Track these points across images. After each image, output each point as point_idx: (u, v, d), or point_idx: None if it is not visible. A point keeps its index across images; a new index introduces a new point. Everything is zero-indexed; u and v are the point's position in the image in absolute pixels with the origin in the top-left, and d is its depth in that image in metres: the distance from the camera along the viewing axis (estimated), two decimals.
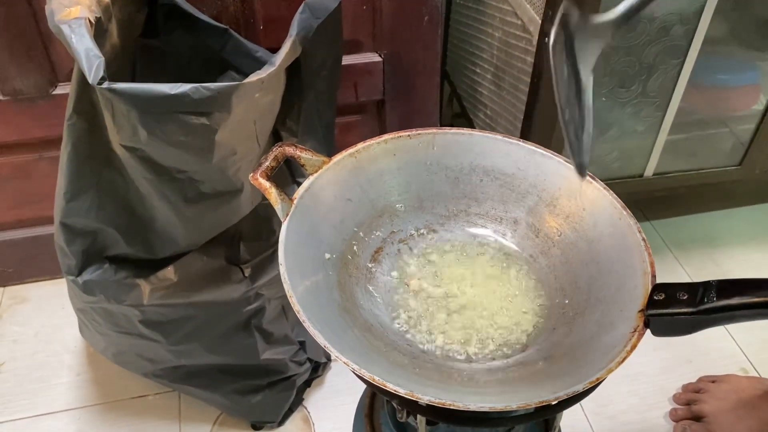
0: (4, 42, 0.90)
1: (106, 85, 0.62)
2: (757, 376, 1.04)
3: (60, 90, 0.97)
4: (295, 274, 0.51)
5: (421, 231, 0.64)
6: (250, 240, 0.83)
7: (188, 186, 0.72)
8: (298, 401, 1.00)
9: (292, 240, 0.54)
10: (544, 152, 0.63)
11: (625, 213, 0.56)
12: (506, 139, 0.65)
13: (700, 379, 1.02)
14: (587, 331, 0.51)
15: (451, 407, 0.41)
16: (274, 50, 0.73)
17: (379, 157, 0.63)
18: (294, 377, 0.95)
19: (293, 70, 0.77)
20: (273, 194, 0.55)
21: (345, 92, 1.04)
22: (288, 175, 0.84)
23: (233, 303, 0.84)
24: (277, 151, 0.58)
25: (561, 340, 0.52)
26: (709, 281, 0.45)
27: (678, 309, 0.45)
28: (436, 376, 0.50)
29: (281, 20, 0.93)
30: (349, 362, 0.43)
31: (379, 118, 1.12)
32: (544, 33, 0.88)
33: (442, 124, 1.43)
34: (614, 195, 0.58)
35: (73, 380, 1.04)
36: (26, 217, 1.11)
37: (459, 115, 1.39)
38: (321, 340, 0.45)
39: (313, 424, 0.99)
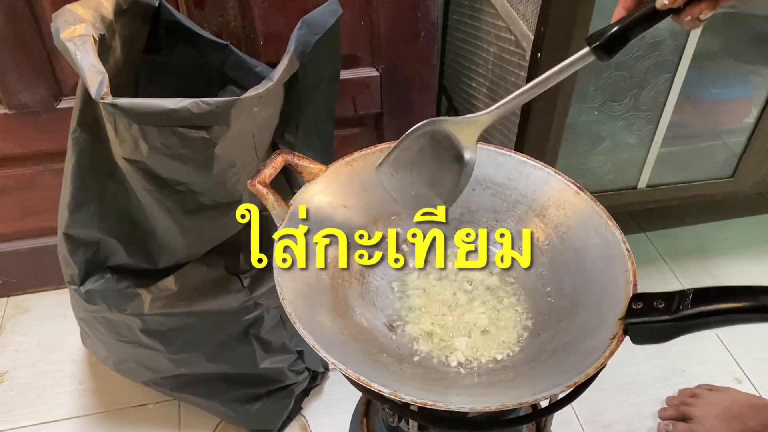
0: (11, 57, 0.93)
1: (108, 99, 0.64)
2: (755, 392, 1.05)
3: (64, 104, 1.00)
4: (288, 276, 0.52)
5: (415, 238, 0.66)
6: (249, 250, 0.84)
7: (188, 197, 0.74)
8: (296, 410, 1.01)
9: None
10: (535, 163, 0.65)
11: (610, 224, 0.58)
12: (498, 150, 0.67)
13: (699, 386, 1.03)
14: (569, 336, 0.52)
15: (433, 407, 0.42)
16: (274, 65, 0.75)
17: (372, 166, 0.64)
18: (292, 386, 0.97)
19: (292, 85, 0.79)
20: (270, 200, 0.57)
21: (344, 106, 1.06)
22: (286, 186, 0.85)
23: (232, 312, 0.86)
24: (275, 158, 0.60)
25: (544, 345, 0.54)
26: (685, 290, 0.46)
27: (655, 317, 0.46)
28: (421, 378, 0.51)
29: (280, 36, 0.96)
30: (336, 362, 0.45)
31: (377, 131, 1.14)
32: (536, 48, 0.90)
33: None
34: (601, 206, 0.60)
35: (74, 389, 1.06)
36: (30, 228, 1.13)
37: None
38: (310, 340, 0.46)
39: None
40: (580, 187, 0.62)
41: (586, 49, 0.52)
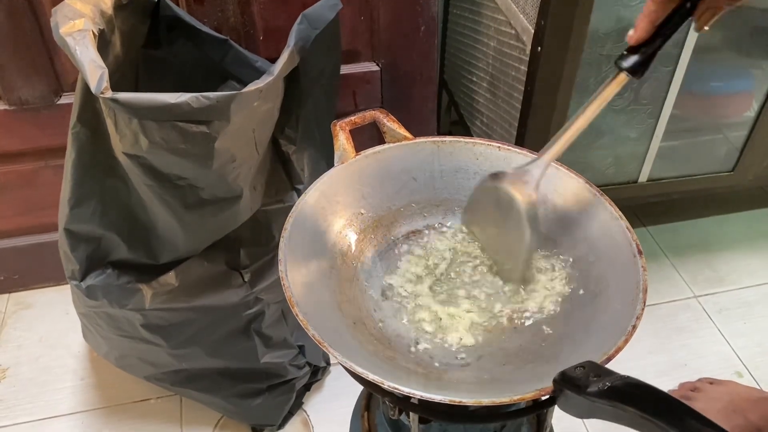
0: (11, 53, 0.93)
1: (108, 94, 0.64)
2: (755, 385, 1.05)
3: (64, 100, 1.00)
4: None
5: (465, 235, 0.65)
6: (250, 245, 0.85)
7: (189, 192, 0.74)
8: (297, 405, 1.01)
9: (332, 184, 0.59)
10: (616, 214, 0.59)
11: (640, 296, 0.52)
12: (586, 184, 0.61)
13: (700, 380, 1.03)
14: (549, 358, 0.51)
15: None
16: (274, 60, 0.75)
17: (461, 155, 0.64)
18: (293, 381, 0.97)
19: (292, 79, 0.79)
20: (340, 140, 0.60)
21: (344, 101, 1.06)
22: (287, 180, 0.85)
23: (233, 307, 0.86)
24: (367, 112, 0.64)
25: (531, 354, 0.53)
26: (628, 378, 0.40)
27: (574, 386, 0.41)
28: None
29: (280, 31, 0.95)
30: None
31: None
32: (537, 42, 0.89)
33: (441, 132, 1.45)
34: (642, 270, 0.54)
35: (76, 384, 1.06)
36: (31, 224, 1.13)
37: (457, 123, 1.40)
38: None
39: (313, 427, 1.00)
40: (640, 250, 0.58)
41: (623, 75, 0.54)
